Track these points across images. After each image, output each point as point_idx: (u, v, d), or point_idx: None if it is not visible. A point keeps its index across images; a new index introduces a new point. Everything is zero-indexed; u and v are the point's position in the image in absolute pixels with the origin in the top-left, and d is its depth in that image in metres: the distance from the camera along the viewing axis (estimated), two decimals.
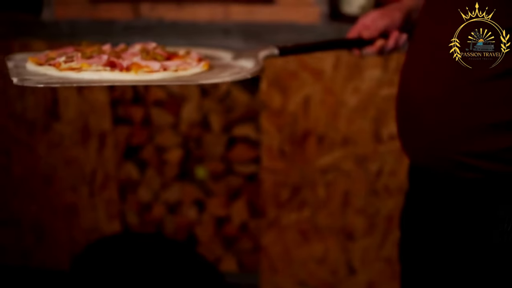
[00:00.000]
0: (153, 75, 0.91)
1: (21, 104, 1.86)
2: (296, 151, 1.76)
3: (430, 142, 0.90)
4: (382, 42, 1.04)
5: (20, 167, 1.95)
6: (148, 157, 1.92)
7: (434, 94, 0.88)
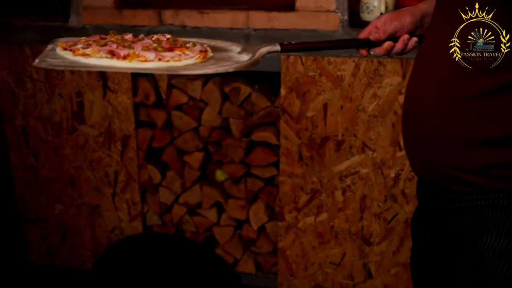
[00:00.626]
0: (145, 64, 0.97)
1: (49, 107, 1.92)
2: (314, 156, 1.79)
3: (426, 156, 0.92)
4: (389, 44, 1.06)
5: (47, 168, 2.01)
6: (169, 160, 1.96)
7: (428, 108, 0.90)
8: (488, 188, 0.86)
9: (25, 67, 1.88)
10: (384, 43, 1.05)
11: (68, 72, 1.86)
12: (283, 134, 1.79)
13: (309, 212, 1.86)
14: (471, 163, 0.86)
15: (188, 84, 1.83)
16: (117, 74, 1.83)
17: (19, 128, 1.97)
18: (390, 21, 1.06)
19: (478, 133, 0.84)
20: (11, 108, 1.95)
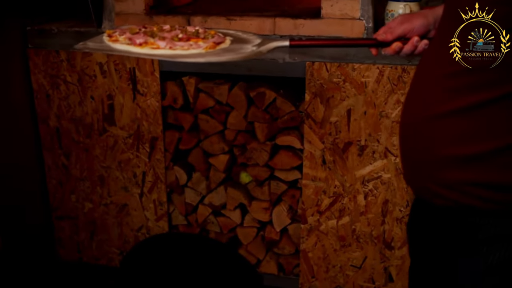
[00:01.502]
0: (154, 51, 1.10)
1: (81, 109, 1.99)
2: (337, 160, 1.82)
3: (411, 168, 0.95)
4: (397, 45, 1.07)
5: (78, 168, 2.09)
6: (195, 162, 2.01)
7: (411, 121, 0.94)
8: (466, 205, 0.87)
9: (59, 71, 1.96)
10: (392, 44, 1.08)
11: (100, 75, 1.93)
12: (306, 139, 1.82)
13: (331, 215, 1.89)
14: (447, 178, 0.88)
15: (215, 89, 1.88)
16: (146, 78, 1.90)
17: (52, 129, 2.05)
18: (401, 23, 1.09)
19: (450, 150, 0.86)
20: (45, 109, 2.03)
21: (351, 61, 1.72)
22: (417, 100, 0.94)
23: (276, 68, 1.80)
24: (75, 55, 1.93)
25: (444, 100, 0.87)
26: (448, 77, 0.86)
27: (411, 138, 0.95)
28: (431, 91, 0.90)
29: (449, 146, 0.86)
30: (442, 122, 0.87)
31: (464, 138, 0.85)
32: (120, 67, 1.91)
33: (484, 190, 0.85)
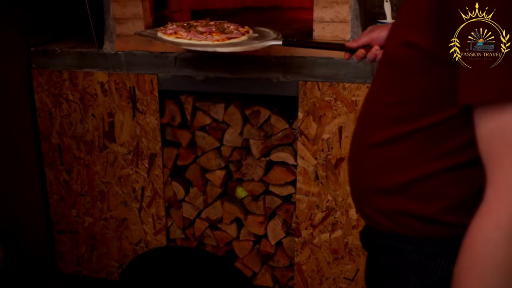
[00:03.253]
0: (177, 39, 1.44)
1: (82, 127, 2.06)
2: (329, 176, 1.88)
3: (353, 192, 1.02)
4: (361, 51, 1.22)
5: (79, 183, 2.15)
6: (193, 177, 2.07)
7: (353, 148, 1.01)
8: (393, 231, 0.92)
9: (62, 90, 2.03)
10: (357, 51, 1.22)
11: (101, 94, 2.01)
12: (300, 155, 1.89)
13: (324, 229, 1.95)
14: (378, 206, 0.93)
15: (212, 107, 1.96)
16: (146, 96, 1.97)
17: (54, 145, 2.12)
18: (369, 32, 1.22)
19: (379, 179, 0.92)
20: (48, 127, 2.10)
21: (342, 81, 1.79)
22: (357, 127, 1.00)
23: (271, 87, 1.87)
24: (77, 75, 2.00)
25: (376, 130, 0.92)
26: (383, 108, 0.92)
27: (352, 164, 1.01)
28: (368, 120, 0.96)
29: (378, 175, 0.92)
30: (374, 152, 0.92)
31: (388, 168, 0.90)
32: (120, 86, 1.98)
33: (406, 219, 0.89)
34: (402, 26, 0.87)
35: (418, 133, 0.85)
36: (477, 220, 0.72)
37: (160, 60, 1.94)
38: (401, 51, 0.84)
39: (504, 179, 0.69)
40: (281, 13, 2.77)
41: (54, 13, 2.20)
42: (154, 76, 1.94)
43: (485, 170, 0.72)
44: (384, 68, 0.94)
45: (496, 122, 0.69)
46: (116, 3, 1.92)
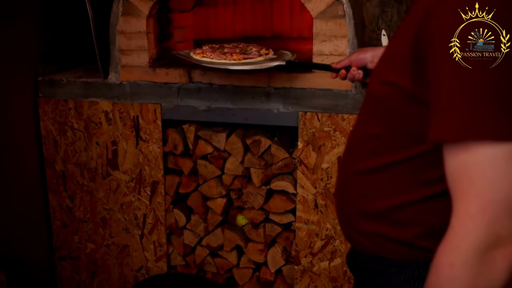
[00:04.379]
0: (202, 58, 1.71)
1: (86, 154, 2.10)
2: (329, 205, 1.91)
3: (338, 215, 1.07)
4: (343, 72, 1.38)
5: (82, 210, 2.18)
6: (194, 205, 2.10)
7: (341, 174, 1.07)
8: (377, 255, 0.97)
9: (67, 118, 2.08)
10: (340, 72, 1.37)
11: (106, 123, 2.05)
12: (300, 184, 1.92)
13: (324, 257, 1.97)
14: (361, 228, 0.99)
15: (213, 136, 2.00)
16: (149, 125, 2.01)
17: (58, 172, 2.16)
18: (351, 55, 1.37)
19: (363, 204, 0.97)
20: (52, 154, 2.14)
21: (340, 112, 1.84)
22: (344, 155, 1.06)
23: (271, 117, 1.92)
24: (83, 104, 2.06)
25: (359, 159, 0.98)
26: (366, 139, 0.98)
27: (338, 189, 1.07)
28: (353, 149, 1.02)
29: (361, 200, 0.98)
30: (357, 179, 0.98)
31: (370, 195, 0.96)
32: (124, 115, 2.03)
33: (387, 242, 0.94)
34: (385, 66, 0.93)
35: (396, 165, 0.91)
36: (442, 245, 0.76)
37: (164, 90, 1.99)
38: (383, 89, 0.90)
39: (466, 209, 0.73)
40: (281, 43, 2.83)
41: (61, 43, 2.27)
42: (157, 106, 1.99)
43: (452, 200, 0.76)
44: (367, 102, 1.00)
45: (460, 158, 0.74)
46: (122, 35, 1.98)
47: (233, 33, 3.13)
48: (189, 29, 2.39)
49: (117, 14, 1.97)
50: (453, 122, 0.73)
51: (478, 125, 0.71)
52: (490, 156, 0.71)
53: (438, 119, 0.76)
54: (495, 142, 0.71)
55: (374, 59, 1.32)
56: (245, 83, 1.92)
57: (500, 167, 0.71)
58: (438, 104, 0.76)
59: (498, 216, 0.71)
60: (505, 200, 0.71)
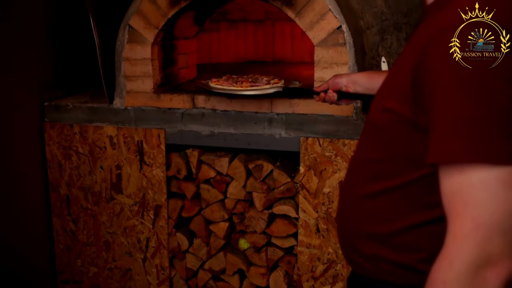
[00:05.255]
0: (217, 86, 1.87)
1: (91, 178, 2.13)
2: (330, 229, 1.93)
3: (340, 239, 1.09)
4: (322, 95, 1.47)
5: (85, 234, 2.19)
6: (197, 229, 2.12)
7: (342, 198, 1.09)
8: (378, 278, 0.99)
9: (72, 143, 2.11)
10: (320, 94, 1.48)
11: (110, 147, 2.08)
12: (301, 208, 1.94)
13: (326, 281, 1.98)
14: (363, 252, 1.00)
15: (216, 161, 2.03)
16: (153, 150, 2.04)
17: (63, 196, 2.18)
18: (329, 79, 1.48)
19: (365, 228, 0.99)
20: (57, 178, 2.17)
21: (342, 137, 1.87)
22: (345, 179, 1.09)
23: (273, 142, 1.95)
24: (88, 129, 2.09)
25: (360, 184, 1.00)
26: (366, 164, 1.00)
27: (340, 213, 1.09)
28: (354, 174, 1.05)
29: (362, 224, 1.00)
30: (358, 203, 1.00)
31: (371, 219, 0.98)
32: (128, 140, 2.06)
33: (387, 265, 0.96)
34: (385, 94, 0.97)
35: (396, 190, 0.93)
36: (436, 263, 0.79)
37: (168, 115, 2.02)
38: (383, 116, 0.94)
39: (460, 229, 0.76)
40: (283, 68, 2.88)
41: (67, 68, 2.31)
42: (161, 131, 2.02)
43: (447, 220, 0.79)
44: (368, 128, 1.03)
45: (455, 180, 0.77)
46: (127, 61, 2.03)
47: (235, 58, 3.18)
48: (192, 55, 2.44)
49: (122, 41, 2.02)
50: (449, 146, 0.76)
51: (471, 149, 0.74)
52: (483, 179, 0.74)
53: (435, 143, 0.78)
54: (488, 165, 0.74)
55: (349, 83, 1.42)
56: (248, 108, 1.95)
57: (492, 190, 0.74)
58: (436, 129, 0.78)
59: (490, 237, 0.74)
60: (497, 221, 0.74)
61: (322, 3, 1.82)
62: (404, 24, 2.18)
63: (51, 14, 2.19)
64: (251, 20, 3.17)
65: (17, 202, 2.07)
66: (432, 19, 0.87)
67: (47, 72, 2.18)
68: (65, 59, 2.30)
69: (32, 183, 2.15)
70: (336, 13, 1.82)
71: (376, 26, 2.14)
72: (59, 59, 2.25)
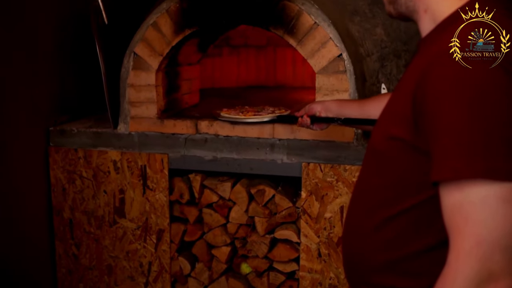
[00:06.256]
0: (226, 115, 2.00)
1: (94, 202, 2.15)
2: (332, 254, 1.94)
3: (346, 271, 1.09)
4: (300, 120, 1.57)
5: (87, 257, 2.20)
6: (199, 253, 2.13)
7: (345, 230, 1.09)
8: None
9: (76, 167, 2.14)
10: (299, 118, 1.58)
11: (114, 172, 2.11)
12: (303, 233, 1.96)
13: None
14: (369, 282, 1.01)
15: (219, 185, 2.05)
16: (156, 175, 2.07)
17: (66, 220, 2.19)
18: (306, 106, 1.58)
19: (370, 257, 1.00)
20: (60, 202, 2.18)
21: (343, 163, 1.90)
22: (350, 207, 1.10)
23: (275, 167, 1.97)
24: (92, 153, 2.12)
25: (366, 213, 1.01)
26: (369, 190, 1.01)
27: (346, 243, 1.09)
28: (360, 202, 1.05)
29: (371, 253, 1.00)
30: (366, 232, 1.01)
31: (380, 247, 0.98)
32: (132, 164, 2.09)
33: None
34: (387, 121, 0.99)
35: (404, 214, 0.94)
36: (440, 279, 0.81)
37: (171, 140, 2.05)
38: (387, 144, 0.96)
39: (462, 246, 0.77)
40: (285, 93, 2.92)
41: (72, 94, 2.35)
42: (164, 156, 2.05)
43: (449, 237, 0.81)
44: (370, 156, 1.05)
45: (455, 197, 0.79)
46: (132, 88, 2.07)
47: (237, 83, 3.23)
48: (195, 81, 2.48)
49: (127, 68, 2.06)
50: (449, 164, 0.78)
51: (470, 166, 0.76)
52: (483, 196, 0.76)
53: (436, 162, 0.81)
54: (487, 182, 0.76)
55: (322, 110, 1.52)
56: (250, 134, 1.98)
57: (491, 207, 0.76)
58: (436, 149, 0.81)
59: (491, 253, 0.75)
60: (497, 238, 0.75)
61: (323, 31, 1.87)
62: (403, 51, 2.22)
63: (57, 40, 2.23)
64: (253, 46, 3.23)
65: (21, 226, 2.08)
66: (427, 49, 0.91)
67: (52, 97, 2.22)
68: (70, 84, 2.33)
69: (36, 207, 2.17)
70: (336, 41, 1.87)
71: (376, 53, 2.18)
72: (64, 84, 2.29)
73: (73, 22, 2.31)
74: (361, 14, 2.20)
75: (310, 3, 1.87)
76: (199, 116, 2.12)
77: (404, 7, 0.99)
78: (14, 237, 2.04)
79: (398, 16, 1.04)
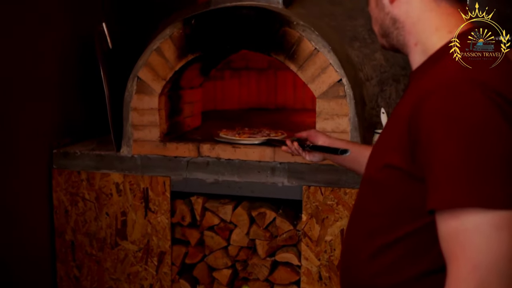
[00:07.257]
0: (225, 136, 2.08)
1: (96, 224, 2.16)
2: (332, 277, 1.95)
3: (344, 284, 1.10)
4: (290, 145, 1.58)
5: (89, 280, 2.21)
6: (200, 275, 2.13)
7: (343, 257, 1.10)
8: None
9: (79, 189, 2.16)
10: None
11: (116, 194, 2.13)
12: (304, 256, 1.97)
13: None
14: None
15: (220, 208, 2.07)
16: (158, 197, 2.09)
17: (68, 242, 2.20)
18: (296, 134, 1.62)
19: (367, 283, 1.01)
20: (63, 224, 2.20)
21: (343, 186, 1.92)
22: (347, 235, 1.11)
23: (276, 190, 1.99)
24: (95, 176, 2.14)
25: (363, 239, 1.02)
26: (365, 218, 1.03)
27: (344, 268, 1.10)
28: (355, 229, 1.07)
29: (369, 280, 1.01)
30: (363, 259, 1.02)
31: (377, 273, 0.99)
32: (134, 187, 2.11)
33: None
34: (383, 151, 1.01)
35: (401, 241, 0.96)
36: None
37: (173, 163, 2.08)
38: (382, 173, 0.97)
39: (458, 271, 0.80)
40: (286, 116, 2.95)
41: (75, 117, 2.38)
42: (167, 178, 2.07)
43: (445, 263, 0.83)
44: (365, 183, 1.07)
45: (451, 225, 0.81)
46: (135, 111, 2.10)
47: (238, 105, 3.26)
48: (198, 104, 2.52)
49: (131, 91, 2.10)
50: (443, 192, 0.81)
51: (464, 195, 0.79)
52: (477, 223, 0.78)
53: (431, 190, 0.83)
54: (480, 210, 0.78)
55: (309, 137, 1.55)
56: (251, 157, 2.01)
57: (485, 234, 0.78)
58: (431, 178, 0.83)
59: (486, 278, 0.77)
60: (492, 263, 0.77)
61: (323, 57, 1.91)
62: (402, 76, 2.26)
63: (62, 63, 2.27)
64: (254, 68, 3.27)
65: (23, 247, 2.09)
66: (419, 81, 0.93)
67: (56, 120, 2.25)
68: (74, 107, 2.37)
69: (38, 229, 2.18)
70: (336, 67, 1.90)
71: (375, 77, 2.22)
72: (68, 107, 2.33)
73: (78, 46, 2.35)
74: (360, 39, 2.24)
75: (310, 29, 1.91)
76: (201, 139, 2.15)
77: (395, 40, 1.03)
78: (16, 259, 2.05)
79: (390, 48, 1.08)
